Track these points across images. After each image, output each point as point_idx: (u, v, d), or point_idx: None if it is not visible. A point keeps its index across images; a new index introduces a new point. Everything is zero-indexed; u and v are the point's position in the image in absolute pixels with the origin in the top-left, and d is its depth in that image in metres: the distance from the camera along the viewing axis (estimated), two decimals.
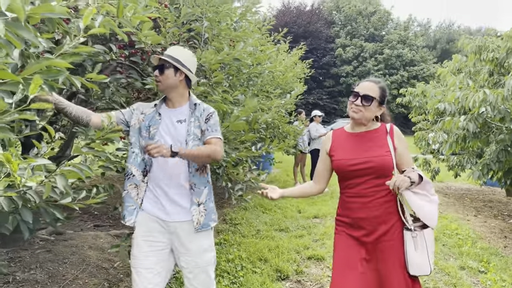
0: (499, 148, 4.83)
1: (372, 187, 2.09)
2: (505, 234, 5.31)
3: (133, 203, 2.19)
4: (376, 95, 2.12)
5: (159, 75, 2.20)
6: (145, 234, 2.17)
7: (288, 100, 5.35)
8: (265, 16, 6.14)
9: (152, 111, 2.25)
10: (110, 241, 4.23)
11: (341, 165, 2.15)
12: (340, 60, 33.02)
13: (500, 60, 4.95)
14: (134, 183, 2.20)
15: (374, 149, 2.12)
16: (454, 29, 44.45)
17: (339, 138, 2.26)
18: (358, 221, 2.12)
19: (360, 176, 2.10)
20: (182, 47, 2.37)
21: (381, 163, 2.07)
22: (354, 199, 2.14)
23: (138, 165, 2.21)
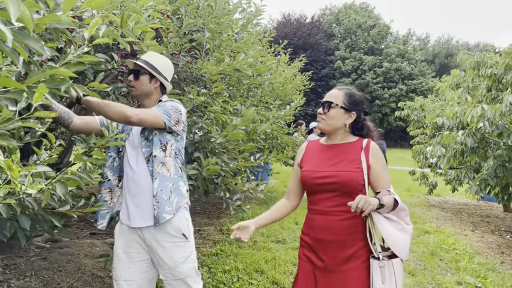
0: (497, 163, 4.85)
1: (337, 205, 1.87)
2: (502, 249, 5.31)
3: (106, 207, 2.18)
4: (339, 101, 1.94)
5: (133, 80, 2.17)
6: (125, 246, 2.16)
7: (287, 111, 5.38)
8: (266, 28, 6.20)
9: None
10: (106, 249, 4.21)
11: (305, 177, 1.96)
12: (339, 72, 33.21)
13: (499, 76, 4.99)
14: (109, 188, 2.19)
15: (343, 163, 1.90)
16: (453, 43, 44.88)
17: (312, 149, 2.07)
18: (318, 242, 1.90)
19: (324, 191, 1.89)
20: (159, 53, 2.36)
21: (347, 179, 1.84)
22: (316, 216, 1.93)
23: (114, 170, 2.20)
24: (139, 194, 2.12)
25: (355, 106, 1.97)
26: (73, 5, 1.04)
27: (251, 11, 4.04)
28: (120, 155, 2.21)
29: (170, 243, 2.11)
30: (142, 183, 2.11)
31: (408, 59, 33.90)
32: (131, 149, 2.17)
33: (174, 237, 2.11)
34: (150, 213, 2.09)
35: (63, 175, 1.70)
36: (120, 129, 2.20)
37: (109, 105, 1.88)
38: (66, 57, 1.31)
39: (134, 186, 2.12)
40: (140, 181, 2.11)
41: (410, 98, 26.91)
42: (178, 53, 3.10)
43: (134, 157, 2.15)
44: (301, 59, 8.67)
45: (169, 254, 2.10)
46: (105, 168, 2.21)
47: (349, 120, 1.96)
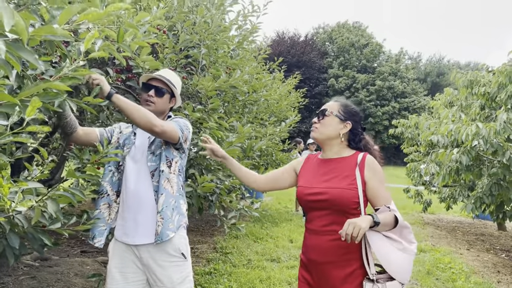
0: (492, 181, 4.85)
1: (328, 225, 1.77)
2: (498, 268, 5.26)
3: (104, 223, 2.10)
4: (333, 110, 1.89)
5: (155, 96, 2.14)
6: (120, 266, 2.09)
7: (282, 128, 5.37)
8: (261, 45, 6.23)
9: (129, 131, 2.21)
10: (97, 268, 4.10)
11: (299, 193, 1.88)
12: (333, 90, 33.47)
13: (492, 95, 5.03)
14: (107, 203, 2.12)
15: (336, 179, 1.80)
16: (444, 63, 45.55)
17: (309, 163, 1.99)
18: (311, 262, 1.83)
19: (316, 208, 1.81)
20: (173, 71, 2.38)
21: (337, 197, 1.74)
22: (309, 235, 1.85)
23: (113, 184, 2.14)
24: (140, 210, 2.06)
25: (350, 116, 1.90)
26: (69, 17, 1.01)
27: (247, 28, 4.05)
28: (120, 169, 2.15)
29: (169, 263, 2.05)
30: (144, 199, 2.06)
31: (400, 77, 34.31)
32: (132, 164, 2.12)
33: (173, 257, 2.06)
34: (150, 230, 2.03)
35: (55, 192, 1.64)
36: (121, 143, 2.16)
37: (139, 110, 1.88)
38: (61, 71, 1.28)
39: (135, 201, 2.07)
40: (142, 197, 2.06)
41: (402, 116, 27.16)
42: (174, 69, 3.08)
43: (135, 172, 2.10)
44: (296, 76, 8.72)
45: (167, 274, 2.03)
46: (104, 183, 2.13)
47: (344, 130, 1.88)
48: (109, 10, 1.14)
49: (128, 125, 2.27)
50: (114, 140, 2.17)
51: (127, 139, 2.17)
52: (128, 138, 2.18)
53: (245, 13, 3.89)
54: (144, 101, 2.14)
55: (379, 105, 32.60)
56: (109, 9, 1.16)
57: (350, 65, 34.69)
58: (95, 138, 2.05)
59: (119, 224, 2.11)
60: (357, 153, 1.88)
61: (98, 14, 1.08)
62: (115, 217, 2.13)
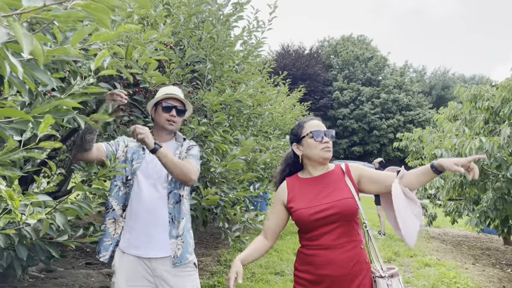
0: (496, 196, 4.84)
1: (339, 237, 1.82)
2: (503, 283, 5.22)
3: (110, 238, 2.12)
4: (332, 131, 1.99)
5: (177, 116, 2.24)
6: (130, 280, 2.08)
7: (286, 141, 5.40)
8: (266, 59, 6.31)
9: (136, 145, 2.23)
10: (102, 280, 4.12)
11: (301, 216, 1.86)
12: (337, 103, 33.53)
13: (496, 109, 5.05)
14: (113, 218, 2.14)
15: (335, 192, 1.87)
16: (449, 76, 45.54)
17: (295, 186, 1.98)
18: (323, 278, 1.82)
19: (324, 224, 1.84)
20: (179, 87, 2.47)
21: (344, 207, 1.82)
22: (318, 252, 1.84)
23: (119, 199, 2.16)
24: (153, 224, 2.10)
25: None
26: (81, 38, 1.06)
27: (252, 43, 4.12)
28: (129, 183, 2.16)
29: (184, 273, 2.12)
30: (159, 213, 2.11)
31: (405, 90, 34.33)
32: (144, 178, 2.15)
33: (187, 267, 2.14)
34: (164, 244, 2.09)
35: (63, 204, 1.69)
36: (129, 157, 2.20)
37: (181, 168, 2.04)
38: (72, 88, 1.33)
39: (148, 215, 2.10)
40: (157, 210, 2.11)
41: (407, 129, 27.11)
42: (180, 83, 3.14)
43: (148, 186, 2.13)
44: (300, 89, 8.79)
45: (181, 284, 2.09)
46: (109, 198, 2.16)
47: None
48: (119, 31, 1.20)
49: (130, 138, 2.28)
50: (120, 154, 2.19)
51: (135, 153, 2.20)
52: (137, 153, 2.20)
53: (250, 28, 3.96)
54: (166, 121, 2.22)
55: (384, 118, 32.59)
56: (120, 29, 1.21)
57: (355, 78, 34.80)
58: (103, 153, 2.09)
59: (126, 237, 2.12)
60: (338, 165, 2.00)
61: (109, 35, 1.13)
62: (121, 231, 2.14)
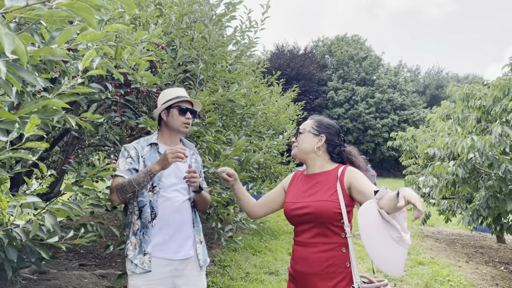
0: (488, 194, 4.87)
1: (314, 236, 1.83)
2: (496, 281, 5.25)
3: (143, 251, 2.11)
4: (307, 126, 2.02)
5: (191, 118, 2.29)
6: (152, 283, 2.08)
7: (280, 141, 5.41)
8: (260, 59, 6.31)
9: (149, 150, 2.22)
10: (96, 281, 4.11)
11: (285, 209, 1.98)
12: (332, 102, 33.61)
13: (487, 108, 5.09)
14: (144, 230, 2.14)
15: (319, 193, 1.87)
16: (443, 75, 45.77)
17: (295, 179, 2.07)
18: (298, 274, 1.87)
19: (301, 222, 1.88)
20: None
21: (319, 209, 1.80)
22: (297, 247, 1.91)
23: (148, 207, 2.14)
24: (183, 226, 2.19)
25: (324, 129, 1.99)
26: (68, 38, 1.06)
27: (245, 43, 4.12)
28: (155, 190, 2.15)
29: (204, 273, 2.32)
30: (186, 216, 2.21)
31: (399, 89, 34.47)
32: (169, 183, 2.19)
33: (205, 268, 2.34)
34: (191, 244, 2.23)
35: (52, 205, 1.68)
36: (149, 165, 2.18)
37: (208, 201, 2.35)
38: (60, 88, 1.33)
39: (178, 218, 2.17)
40: (184, 214, 2.20)
41: (402, 128, 27.22)
42: (172, 83, 3.13)
43: (174, 190, 2.19)
44: (294, 89, 8.80)
45: (201, 284, 2.27)
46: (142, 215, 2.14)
47: (319, 143, 1.96)
48: (107, 31, 1.19)
49: (140, 144, 2.25)
50: (140, 168, 2.17)
51: (153, 160, 2.17)
52: (154, 160, 2.16)
53: (242, 29, 3.96)
54: (183, 125, 2.25)
55: (378, 117, 32.70)
56: (107, 29, 1.21)
57: (349, 78, 34.88)
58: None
59: (158, 242, 2.12)
60: (339, 166, 1.95)
61: (96, 34, 1.12)
62: (152, 239, 2.12)
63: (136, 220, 2.16)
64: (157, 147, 2.24)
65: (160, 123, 2.35)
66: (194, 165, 2.32)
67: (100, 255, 5.04)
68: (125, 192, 2.02)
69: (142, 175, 2.03)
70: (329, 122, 2.05)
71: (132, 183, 2.00)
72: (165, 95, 2.33)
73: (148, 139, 2.29)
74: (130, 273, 2.10)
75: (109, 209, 2.57)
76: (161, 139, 2.30)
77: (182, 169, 2.23)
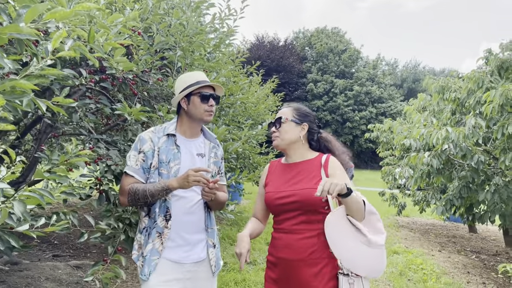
0: (461, 184, 4.99)
1: (299, 223, 1.83)
2: (468, 269, 5.41)
3: (157, 255, 1.94)
4: (288, 115, 1.97)
5: (215, 104, 2.08)
6: (164, 285, 1.94)
7: (259, 131, 5.39)
8: (239, 49, 6.26)
9: (166, 141, 2.02)
10: (70, 272, 4.03)
11: (268, 199, 1.94)
12: (311, 94, 33.81)
13: (462, 100, 5.19)
14: (158, 232, 1.96)
15: (304, 181, 1.87)
16: (420, 69, 46.58)
17: (274, 170, 2.04)
18: (281, 261, 1.85)
19: (287, 210, 1.86)
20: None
21: (306, 197, 1.80)
22: (280, 235, 1.89)
23: (161, 210, 1.97)
24: (196, 227, 2.03)
25: (305, 117, 1.99)
26: (35, 15, 1.01)
27: (224, 31, 4.07)
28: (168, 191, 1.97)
29: (215, 276, 2.14)
30: (201, 217, 2.04)
31: (377, 83, 34.94)
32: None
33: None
34: (203, 245, 2.05)
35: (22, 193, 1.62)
36: (164, 158, 1.98)
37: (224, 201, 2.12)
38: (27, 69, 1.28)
39: (192, 219, 2.01)
40: (199, 214, 2.03)
41: (379, 121, 27.60)
42: (149, 71, 3.08)
43: (190, 189, 1.96)
44: (274, 80, 8.79)
45: (213, 280, 2.12)
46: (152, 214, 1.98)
47: (302, 132, 1.97)
48: (76, 9, 1.15)
49: (155, 133, 2.04)
50: (154, 163, 1.98)
51: (169, 152, 2.00)
52: (171, 152, 2.00)
53: (221, 16, 3.91)
54: (206, 113, 2.04)
55: (357, 110, 33.09)
56: (77, 8, 1.16)
57: (329, 70, 35.11)
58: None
59: (171, 244, 1.96)
60: (320, 155, 1.97)
61: (65, 12, 1.08)
62: (167, 241, 1.96)
63: (143, 217, 2.01)
64: (174, 139, 2.03)
65: (178, 111, 2.13)
66: (213, 160, 2.14)
67: (74, 245, 4.95)
68: (136, 200, 1.89)
69: (158, 188, 1.86)
70: (307, 109, 2.06)
71: (146, 193, 1.86)
72: (183, 80, 2.11)
73: (164, 128, 2.06)
74: (140, 276, 1.97)
75: (83, 197, 2.52)
76: (180, 129, 2.08)
77: (199, 165, 2.02)
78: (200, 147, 2.10)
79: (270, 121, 2.05)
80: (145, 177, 1.97)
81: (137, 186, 1.90)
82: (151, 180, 1.96)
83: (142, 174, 1.96)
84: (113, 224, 2.43)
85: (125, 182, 1.96)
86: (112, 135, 3.44)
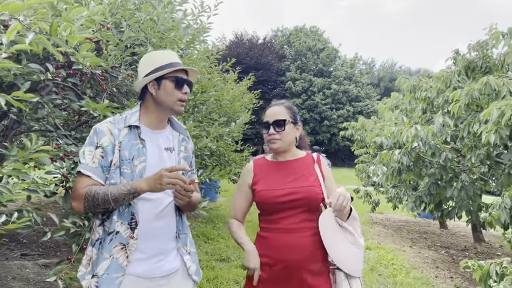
0: (430, 181, 5.12)
1: (301, 222, 1.82)
2: (437, 264, 5.55)
3: (121, 271, 1.61)
4: (287, 116, 1.92)
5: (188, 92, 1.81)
6: None
7: (234, 128, 5.39)
8: (214, 45, 6.24)
9: (128, 134, 1.70)
10: (38, 271, 3.95)
11: (264, 197, 1.86)
12: (290, 93, 33.94)
13: (432, 99, 5.32)
14: (121, 244, 1.63)
15: (301, 179, 1.88)
16: (396, 69, 47.35)
17: (261, 168, 1.98)
18: (281, 262, 1.80)
19: (287, 208, 1.82)
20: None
21: (309, 194, 1.82)
22: (278, 235, 1.83)
23: (123, 217, 1.65)
24: (166, 234, 1.75)
25: (296, 117, 2.00)
26: None
27: (196, 28, 4.05)
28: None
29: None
30: (168, 222, 1.76)
31: (355, 82, 35.34)
32: None
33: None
34: (175, 254, 1.78)
35: None
36: (127, 155, 1.67)
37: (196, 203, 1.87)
38: None
39: (164, 225, 1.73)
40: (170, 218, 1.76)
41: (356, 119, 27.94)
42: (119, 66, 3.04)
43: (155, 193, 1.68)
44: (250, 77, 8.80)
45: None
46: (106, 222, 1.66)
47: (297, 133, 1.99)
48: (30, 2, 1.13)
49: (113, 124, 1.71)
50: (115, 160, 1.65)
51: (132, 148, 1.68)
52: (134, 147, 1.69)
53: (194, 13, 3.89)
54: (178, 102, 1.76)
55: (334, 108, 33.41)
56: (31, 1, 1.14)
57: (307, 69, 35.32)
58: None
59: (138, 258, 1.66)
60: (307, 153, 2.02)
61: (17, 5, 1.06)
62: (133, 256, 1.65)
63: (98, 226, 1.68)
64: (138, 132, 1.71)
65: (142, 97, 1.82)
66: (183, 154, 1.86)
67: (44, 244, 4.85)
68: (95, 206, 1.57)
69: (123, 191, 1.56)
70: (294, 107, 2.05)
71: (108, 198, 1.55)
72: (153, 60, 1.78)
73: (125, 118, 1.74)
74: None
75: (48, 194, 2.48)
76: (144, 120, 1.77)
77: (168, 162, 1.76)
78: (168, 140, 1.81)
79: (268, 123, 1.92)
80: (104, 178, 1.63)
81: (95, 189, 1.57)
82: (112, 181, 1.63)
83: (101, 174, 1.63)
84: (79, 222, 2.39)
85: (80, 183, 1.61)
86: (82, 132, 3.39)
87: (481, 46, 4.69)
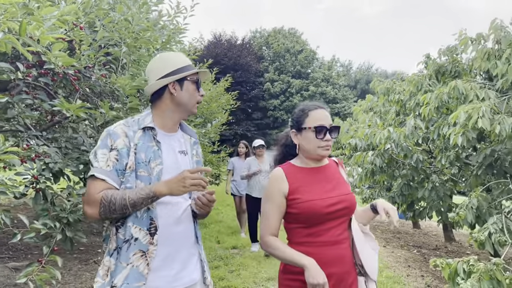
0: (403, 182, 5.24)
1: (343, 232, 1.75)
2: (409, 263, 5.69)
3: (142, 279, 1.55)
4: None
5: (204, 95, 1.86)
6: None
7: (210, 129, 5.41)
8: (191, 46, 6.23)
9: (142, 136, 1.64)
10: (8, 274, 3.87)
11: (315, 208, 1.68)
12: (268, 94, 34.08)
13: (405, 102, 5.45)
14: (141, 251, 1.56)
15: (339, 186, 1.78)
16: (373, 71, 48.11)
17: (295, 176, 1.77)
18: (330, 276, 1.62)
19: (332, 219, 1.71)
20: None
21: (352, 202, 1.76)
22: (323, 249, 1.69)
23: (141, 223, 1.58)
24: (188, 241, 1.71)
25: None
26: None
27: (172, 28, 4.04)
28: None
29: None
30: (190, 228, 1.73)
31: (332, 83, 35.77)
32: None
33: None
34: (195, 263, 1.75)
35: None
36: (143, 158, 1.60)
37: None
38: None
39: (182, 231, 1.68)
40: (188, 224, 1.72)
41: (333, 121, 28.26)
42: (92, 66, 3.01)
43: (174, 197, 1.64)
44: (227, 78, 8.81)
45: None
46: (121, 229, 1.58)
47: None
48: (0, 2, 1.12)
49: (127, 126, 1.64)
50: (130, 163, 1.58)
51: (148, 150, 1.62)
52: (150, 149, 1.63)
53: (170, 13, 3.88)
54: (196, 105, 1.78)
55: None
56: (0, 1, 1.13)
57: (285, 70, 35.55)
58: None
59: (159, 267, 1.60)
60: (330, 159, 1.93)
61: None
62: (154, 262, 1.59)
63: (115, 234, 1.59)
64: (153, 133, 1.66)
65: (154, 99, 1.75)
66: (196, 158, 1.84)
67: (14, 247, 4.74)
68: (112, 211, 1.50)
69: (141, 195, 1.50)
70: None
71: (126, 203, 1.49)
72: (171, 61, 1.73)
73: (138, 120, 1.68)
74: None
75: (17, 196, 2.43)
76: (158, 122, 1.71)
77: (182, 165, 1.71)
78: (181, 143, 1.78)
79: (326, 128, 1.76)
80: (119, 182, 1.56)
81: (112, 193, 1.51)
82: (127, 185, 1.56)
83: (116, 178, 1.56)
84: (50, 223, 2.36)
85: (94, 188, 1.53)
86: (55, 132, 3.34)
87: (450, 51, 4.83)
